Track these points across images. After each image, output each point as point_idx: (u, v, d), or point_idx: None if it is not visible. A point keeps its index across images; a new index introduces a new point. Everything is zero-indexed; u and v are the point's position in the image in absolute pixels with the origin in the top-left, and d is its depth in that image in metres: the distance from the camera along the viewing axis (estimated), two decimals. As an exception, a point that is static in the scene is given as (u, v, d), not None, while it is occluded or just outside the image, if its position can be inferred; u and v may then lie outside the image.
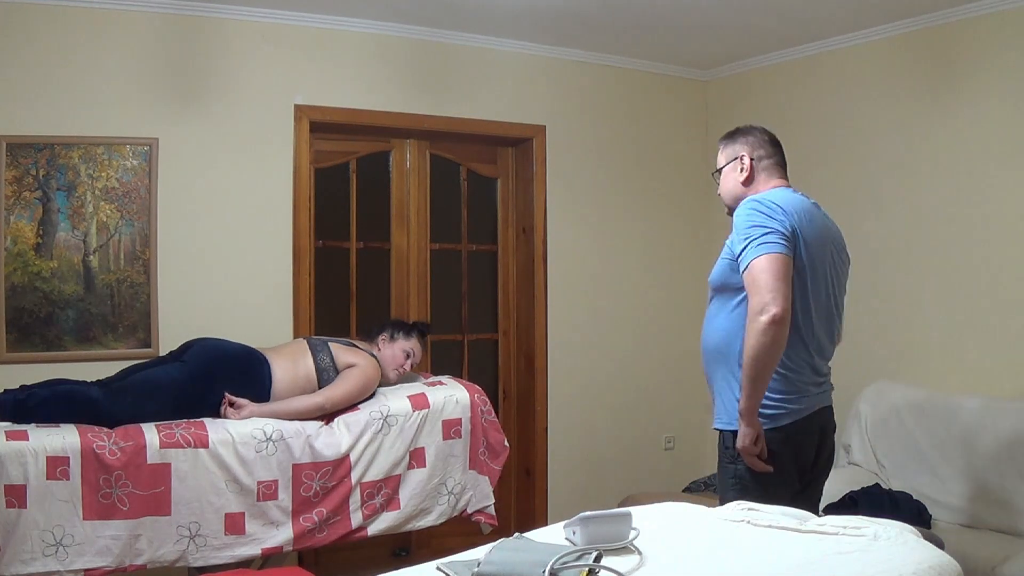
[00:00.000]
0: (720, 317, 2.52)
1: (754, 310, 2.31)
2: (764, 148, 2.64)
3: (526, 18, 4.01)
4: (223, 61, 3.79)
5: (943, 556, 1.86)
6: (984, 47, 3.70)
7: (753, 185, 2.60)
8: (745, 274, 2.36)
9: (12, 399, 2.85)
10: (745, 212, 2.41)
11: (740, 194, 2.60)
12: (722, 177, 2.69)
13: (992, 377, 3.68)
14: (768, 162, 2.63)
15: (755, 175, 2.61)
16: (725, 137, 2.72)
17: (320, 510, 2.99)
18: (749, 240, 2.36)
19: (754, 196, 2.47)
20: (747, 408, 2.38)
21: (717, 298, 2.55)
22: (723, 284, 2.51)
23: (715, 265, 2.55)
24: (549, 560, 1.64)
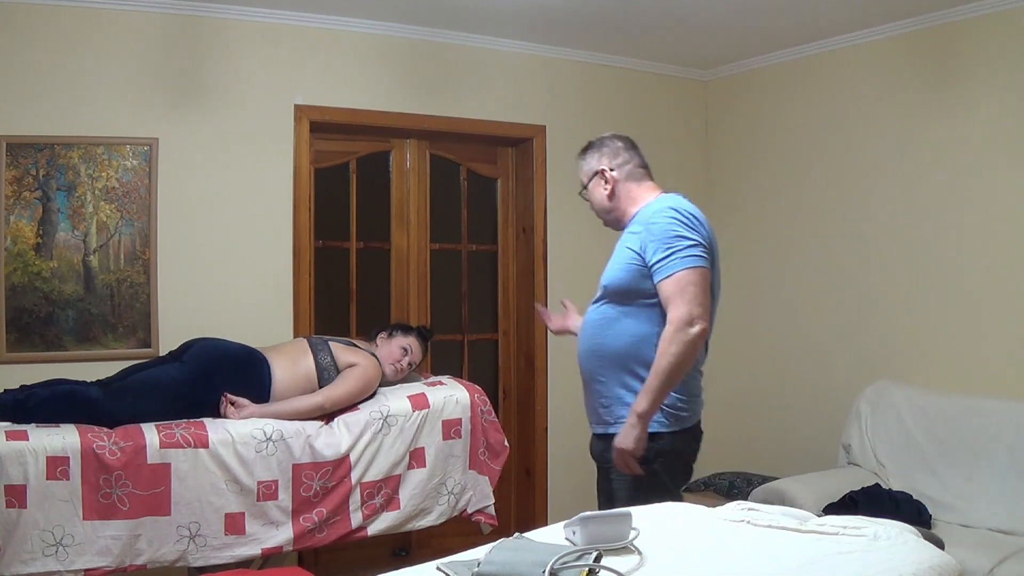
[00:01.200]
0: (625, 322, 2.51)
1: (683, 320, 2.37)
2: (621, 155, 2.66)
3: (526, 18, 4.01)
4: (223, 61, 3.79)
5: (943, 556, 1.86)
6: (984, 47, 3.70)
7: (626, 192, 2.64)
8: (668, 283, 2.40)
9: (12, 399, 2.85)
10: (665, 221, 2.44)
11: (610, 206, 2.66)
12: (590, 194, 2.72)
13: (992, 377, 3.68)
14: (630, 167, 2.65)
15: (620, 183, 2.64)
16: (585, 149, 2.73)
17: (320, 510, 2.99)
18: (673, 250, 2.40)
19: (671, 204, 2.49)
20: (648, 413, 2.43)
21: (617, 302, 2.54)
22: (630, 289, 2.50)
23: (615, 268, 2.54)
24: (549, 560, 1.64)
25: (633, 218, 2.60)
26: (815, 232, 4.43)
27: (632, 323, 2.49)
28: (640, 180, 2.65)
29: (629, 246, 2.50)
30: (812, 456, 4.21)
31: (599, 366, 2.56)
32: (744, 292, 4.82)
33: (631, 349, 2.49)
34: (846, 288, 4.27)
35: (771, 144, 4.65)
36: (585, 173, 2.70)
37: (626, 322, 2.51)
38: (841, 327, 4.29)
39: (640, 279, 2.46)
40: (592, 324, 2.59)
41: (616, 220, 2.69)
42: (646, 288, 2.46)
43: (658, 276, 2.42)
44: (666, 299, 2.41)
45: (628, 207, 2.63)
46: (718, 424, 4.97)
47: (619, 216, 2.66)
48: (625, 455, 2.44)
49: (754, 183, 4.75)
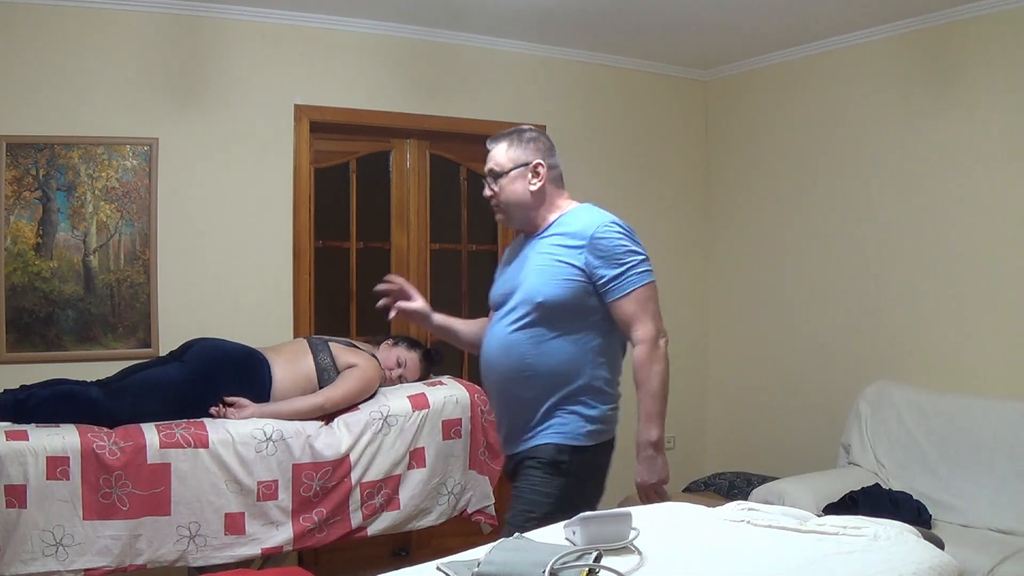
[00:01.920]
0: (559, 341, 2.34)
1: (653, 337, 2.32)
2: (553, 156, 2.49)
3: (526, 18, 4.01)
4: (223, 61, 3.79)
5: (943, 556, 1.86)
6: (984, 47, 3.70)
7: (549, 196, 2.45)
8: (627, 301, 2.32)
9: (12, 399, 2.85)
10: (615, 235, 2.33)
11: (531, 205, 2.44)
12: (507, 182, 2.44)
13: (992, 377, 3.68)
14: (557, 172, 2.49)
15: (547, 184, 2.45)
16: (511, 136, 2.47)
17: (320, 510, 2.99)
18: (628, 266, 2.33)
19: (611, 219, 2.37)
20: (661, 439, 2.35)
21: (551, 319, 2.34)
22: (570, 307, 2.33)
23: (549, 283, 2.34)
24: (549, 560, 1.64)
25: (553, 224, 2.42)
26: (815, 232, 4.43)
27: (567, 343, 2.34)
28: (560, 187, 2.49)
29: (566, 260, 2.33)
30: (812, 456, 4.22)
31: (529, 388, 2.36)
32: (744, 292, 4.82)
33: (568, 367, 2.34)
34: (846, 288, 4.27)
35: (771, 144, 4.65)
36: (510, 160, 2.43)
37: (561, 341, 2.34)
38: (841, 327, 4.29)
39: (584, 296, 2.33)
40: (517, 343, 2.37)
41: (527, 221, 2.46)
42: (588, 306, 2.33)
43: (614, 295, 2.32)
44: (627, 317, 2.32)
45: (547, 212, 2.44)
46: (718, 424, 5.00)
47: (533, 219, 2.45)
48: (652, 489, 2.36)
49: (754, 183, 4.75)
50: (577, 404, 2.33)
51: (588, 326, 2.35)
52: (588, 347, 2.35)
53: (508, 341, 2.39)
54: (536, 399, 2.35)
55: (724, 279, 4.94)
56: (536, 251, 2.41)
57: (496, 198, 2.46)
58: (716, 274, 4.98)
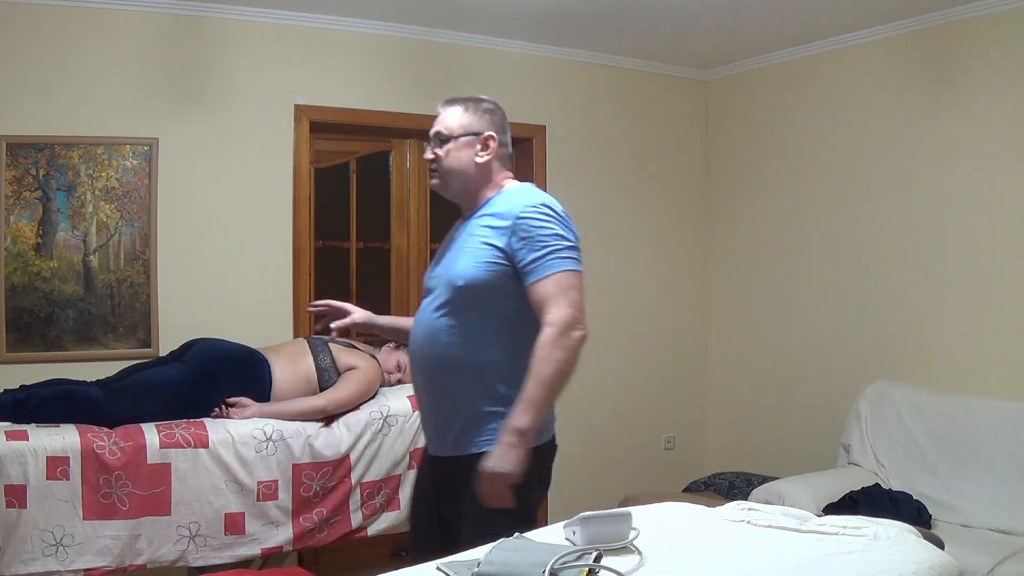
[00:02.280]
0: (487, 330, 2.16)
1: (566, 323, 2.08)
2: (507, 132, 2.33)
3: (526, 18, 4.01)
4: (223, 61, 3.79)
5: (943, 556, 1.86)
6: (984, 47, 3.70)
7: (493, 172, 2.28)
8: (546, 283, 2.09)
9: (12, 399, 2.86)
10: (541, 217, 2.14)
11: (474, 177, 2.26)
12: (454, 147, 2.26)
13: (992, 377, 3.68)
14: (505, 151, 2.32)
15: (494, 160, 2.28)
16: (467, 102, 2.31)
17: (320, 510, 2.99)
18: (551, 249, 2.11)
19: (543, 200, 2.18)
20: (531, 429, 2.06)
21: (472, 305, 2.16)
22: (490, 290, 2.14)
23: (471, 265, 2.16)
24: (549, 560, 1.64)
25: (487, 203, 2.25)
26: (815, 232, 4.43)
27: (494, 333, 2.15)
28: (505, 167, 2.32)
29: (489, 241, 2.15)
30: (812, 456, 4.22)
31: (454, 379, 2.16)
32: (744, 292, 4.82)
33: (499, 360, 2.15)
34: (846, 288, 4.27)
35: (771, 144, 4.65)
36: (461, 126, 2.26)
37: (486, 331, 2.15)
38: (841, 327, 4.29)
39: (504, 280, 2.13)
40: (442, 330, 2.18)
41: (465, 194, 2.29)
42: (508, 290, 2.14)
43: (533, 276, 2.10)
44: (542, 300, 2.09)
45: (487, 189, 2.27)
46: (718, 424, 5.00)
47: (472, 192, 2.28)
48: (500, 481, 2.03)
49: (754, 183, 4.75)
50: (510, 403, 2.09)
51: (517, 316, 2.13)
52: (516, 338, 2.13)
53: (432, 328, 2.19)
54: (462, 394, 2.14)
55: (724, 279, 4.94)
56: (467, 232, 2.23)
57: (438, 162, 2.27)
58: (716, 274, 4.98)
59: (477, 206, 2.26)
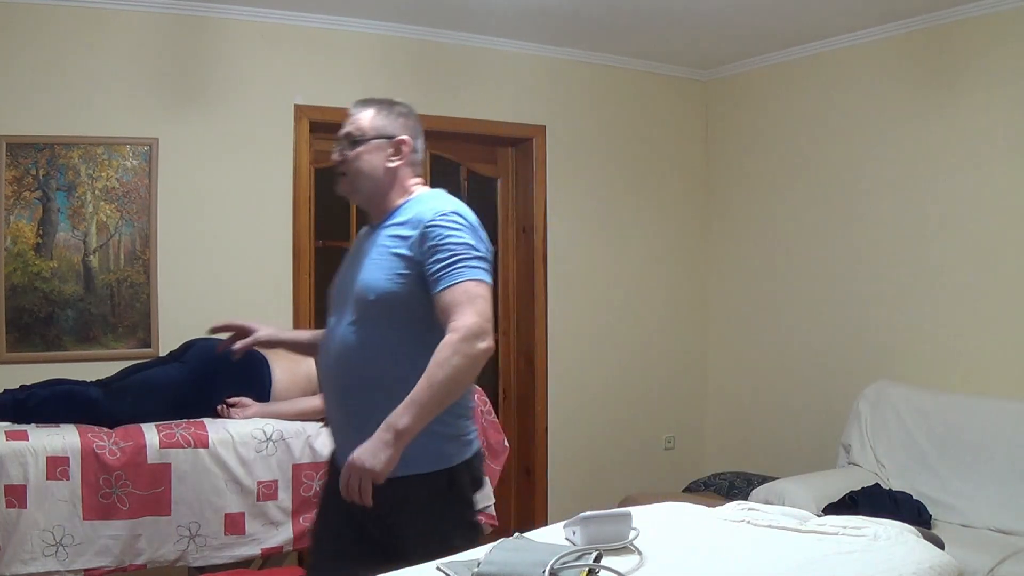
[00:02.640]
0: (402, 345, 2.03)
1: (471, 331, 1.93)
2: (420, 139, 2.23)
3: (526, 18, 4.01)
4: (223, 61, 3.79)
5: (943, 556, 1.86)
6: (984, 47, 3.70)
7: (403, 178, 2.18)
8: (454, 291, 1.97)
9: (12, 399, 2.86)
10: (450, 225, 2.03)
11: (379, 180, 2.16)
12: (365, 150, 2.15)
13: (992, 377, 3.68)
14: (417, 157, 2.22)
15: (405, 166, 2.18)
16: (382, 104, 2.21)
17: (320, 510, 2.99)
18: (459, 257, 2.00)
19: (455, 208, 2.07)
20: (410, 431, 1.90)
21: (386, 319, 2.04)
22: (405, 303, 2.03)
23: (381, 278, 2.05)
24: (549, 560, 1.64)
25: (397, 211, 2.14)
26: (815, 232, 4.43)
27: (409, 348, 2.02)
28: (416, 173, 2.22)
29: (398, 252, 2.05)
30: (812, 456, 4.22)
31: (371, 397, 2.02)
32: (743, 292, 4.82)
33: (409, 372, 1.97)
34: (846, 288, 4.27)
35: (771, 144, 4.65)
36: (374, 128, 2.16)
37: (401, 346, 2.03)
38: (841, 327, 4.29)
39: (416, 292, 2.02)
40: (355, 346, 2.06)
41: (374, 200, 2.19)
42: (421, 303, 2.02)
43: (440, 284, 1.98)
44: (448, 307, 1.96)
45: (397, 196, 2.17)
46: (718, 424, 5.00)
47: (381, 198, 2.18)
48: (365, 476, 1.88)
49: (754, 183, 4.75)
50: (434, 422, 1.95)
51: (431, 329, 2.00)
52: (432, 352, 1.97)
53: (345, 346, 2.07)
54: (380, 414, 1.94)
55: (724, 278, 4.94)
56: (375, 243, 2.13)
57: (346, 164, 2.16)
58: (716, 273, 4.98)
59: (386, 213, 2.16)
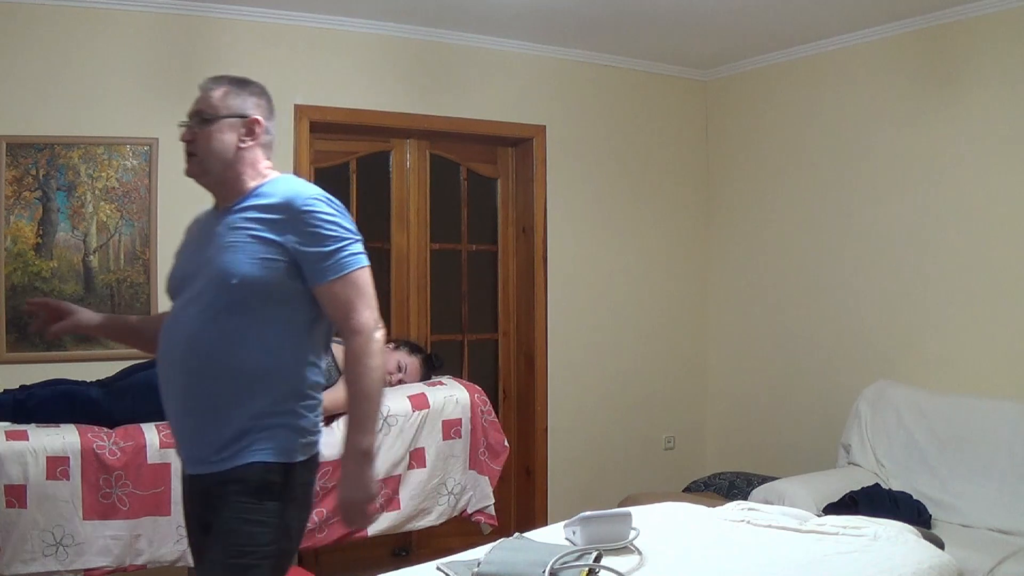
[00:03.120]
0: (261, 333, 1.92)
1: (371, 328, 1.93)
2: (272, 123, 2.15)
3: (526, 18, 4.01)
4: (223, 61, 3.78)
5: (943, 556, 1.87)
6: (984, 47, 3.70)
7: (254, 160, 2.08)
8: (343, 284, 1.93)
9: (12, 399, 2.85)
10: (323, 209, 1.96)
11: (230, 161, 2.05)
12: (216, 129, 2.06)
13: (992, 377, 3.68)
14: (270, 139, 2.14)
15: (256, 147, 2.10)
16: (235, 83, 2.14)
17: (320, 510, 2.99)
18: (341, 246, 1.95)
19: (319, 192, 2.01)
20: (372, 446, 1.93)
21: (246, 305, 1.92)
22: (269, 289, 1.92)
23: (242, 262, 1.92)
24: (549, 560, 1.64)
25: (252, 194, 2.03)
26: (814, 232, 4.43)
27: (269, 336, 1.93)
28: (269, 155, 2.14)
29: (265, 235, 1.93)
30: (812, 456, 4.22)
31: (219, 391, 1.92)
32: (743, 292, 4.82)
33: (269, 370, 1.93)
34: (846, 288, 4.27)
35: (771, 144, 4.65)
36: (226, 107, 2.07)
37: (260, 334, 1.93)
38: (841, 327, 4.29)
39: (286, 279, 1.93)
40: (206, 335, 1.93)
41: (225, 182, 2.07)
42: (292, 291, 1.94)
43: (325, 277, 1.92)
44: (342, 303, 1.93)
45: (249, 179, 2.06)
46: (718, 424, 5.00)
47: (233, 180, 2.06)
48: (360, 507, 1.91)
49: (754, 183, 4.75)
50: (285, 414, 1.92)
51: (293, 316, 1.95)
52: (294, 343, 1.96)
53: (195, 333, 1.93)
54: (231, 405, 1.91)
55: (724, 278, 4.94)
56: (229, 226, 1.99)
57: (196, 144, 2.08)
58: (716, 273, 4.98)
59: (238, 196, 2.04)
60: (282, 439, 1.91)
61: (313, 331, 1.98)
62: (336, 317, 1.95)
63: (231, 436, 1.90)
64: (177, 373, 1.96)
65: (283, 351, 1.93)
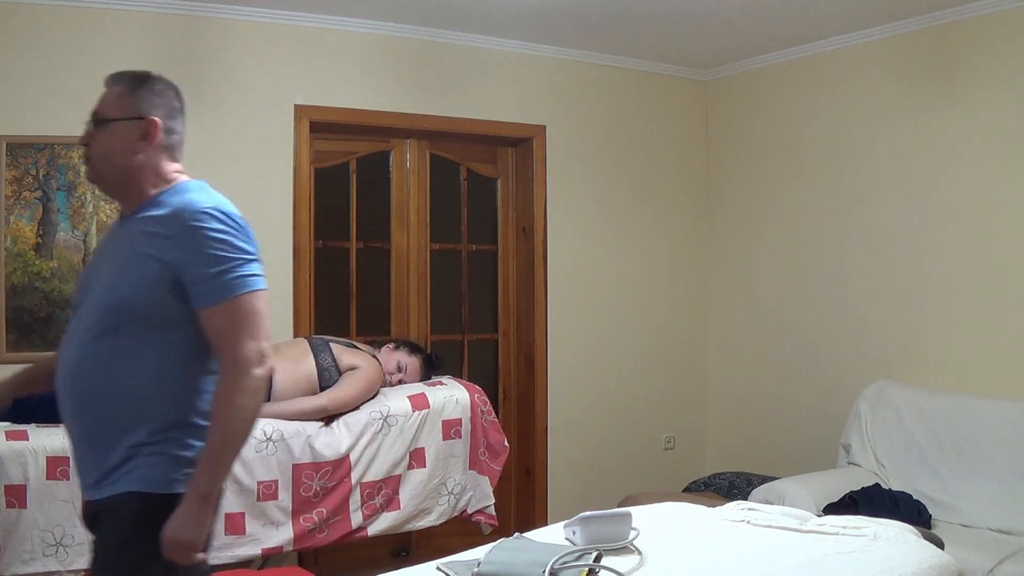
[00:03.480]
0: (146, 357, 1.78)
1: (247, 363, 1.76)
2: (177, 119, 1.97)
3: (526, 18, 4.01)
4: (223, 61, 3.79)
5: (943, 556, 1.87)
6: (984, 47, 3.70)
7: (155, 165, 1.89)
8: (222, 310, 1.77)
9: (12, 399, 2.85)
10: (214, 225, 1.79)
11: (130, 168, 1.87)
12: (107, 134, 1.89)
13: (992, 377, 3.68)
14: (175, 140, 1.95)
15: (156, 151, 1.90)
16: (134, 81, 1.96)
17: (320, 510, 2.99)
18: (227, 267, 1.79)
19: (216, 204, 1.82)
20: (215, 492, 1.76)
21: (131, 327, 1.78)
22: (152, 311, 1.78)
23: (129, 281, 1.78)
24: (549, 560, 1.64)
25: (149, 204, 1.87)
26: (814, 232, 4.43)
27: (153, 361, 1.79)
28: (175, 158, 1.95)
29: (149, 252, 1.79)
30: (812, 456, 4.22)
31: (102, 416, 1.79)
32: (743, 292, 4.82)
33: (153, 397, 1.79)
34: (846, 288, 4.27)
35: (771, 144, 4.65)
36: (121, 108, 1.90)
37: (145, 359, 1.78)
38: (841, 327, 4.29)
39: (171, 301, 1.78)
40: (91, 357, 1.80)
41: (123, 190, 1.91)
42: (178, 314, 1.79)
43: (206, 300, 1.77)
44: (220, 331, 1.77)
45: (149, 186, 1.89)
46: (718, 424, 5.00)
47: (131, 188, 1.89)
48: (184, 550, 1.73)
49: (754, 183, 4.75)
50: (166, 442, 1.78)
51: (180, 340, 1.81)
52: (180, 368, 1.81)
53: (81, 355, 1.82)
54: (113, 432, 1.78)
55: (724, 278, 4.94)
56: (124, 238, 1.88)
57: (91, 148, 1.93)
58: (716, 273, 4.98)
59: (137, 204, 1.89)
60: (160, 469, 1.77)
61: (206, 357, 1.82)
62: (216, 346, 1.79)
63: (112, 464, 1.78)
64: (66, 396, 1.85)
65: (167, 378, 1.80)
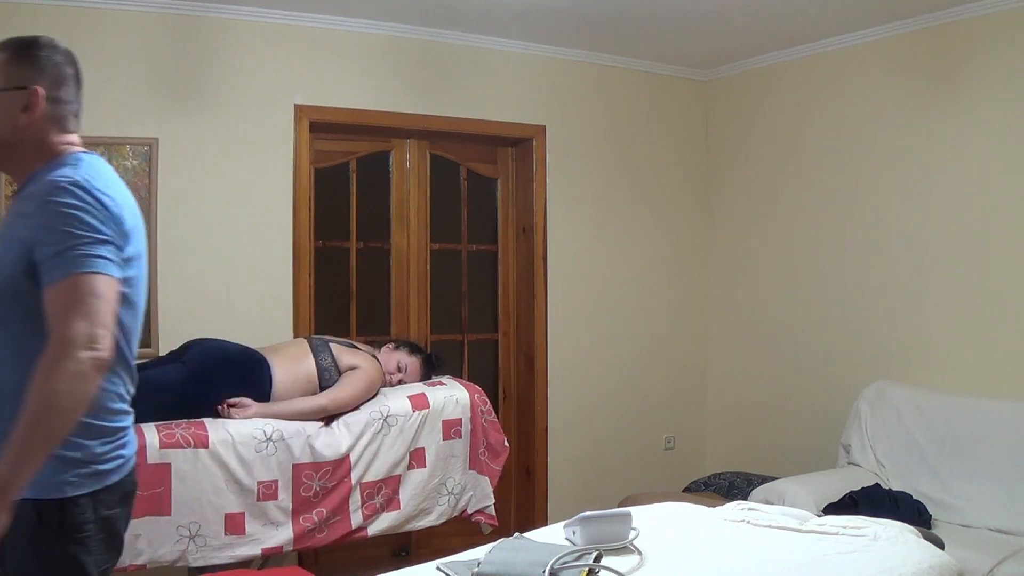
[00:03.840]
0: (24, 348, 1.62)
1: (72, 342, 1.56)
2: (68, 89, 1.79)
3: (526, 18, 4.01)
4: (223, 61, 3.79)
5: (943, 556, 1.87)
6: (984, 47, 3.70)
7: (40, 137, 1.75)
8: (57, 289, 1.60)
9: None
10: (69, 200, 1.63)
11: (11, 140, 1.74)
12: None
13: (992, 377, 3.68)
14: (66, 110, 1.79)
15: (41, 123, 1.75)
16: (18, 48, 1.77)
17: (320, 510, 2.99)
18: (74, 243, 1.61)
19: (78, 178, 1.66)
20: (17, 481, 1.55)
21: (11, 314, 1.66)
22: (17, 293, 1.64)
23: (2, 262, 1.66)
24: (549, 560, 1.64)
25: (30, 180, 1.74)
26: (814, 232, 4.43)
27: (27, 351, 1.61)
28: (65, 130, 1.79)
29: (16, 230, 1.67)
30: (812, 456, 4.22)
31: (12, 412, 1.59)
32: (743, 292, 4.82)
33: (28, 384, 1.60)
34: (846, 288, 4.28)
35: (771, 144, 4.65)
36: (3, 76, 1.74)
37: (27, 350, 1.61)
38: (841, 327, 4.29)
39: (31, 286, 1.63)
40: None
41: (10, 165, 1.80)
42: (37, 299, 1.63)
43: (47, 279, 1.61)
44: (52, 310, 1.59)
45: (31, 160, 1.75)
46: (718, 424, 5.00)
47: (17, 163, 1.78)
48: None
49: (754, 183, 4.75)
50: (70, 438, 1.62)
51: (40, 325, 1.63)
52: None
53: None
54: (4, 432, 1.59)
55: (724, 278, 4.94)
56: (9, 217, 1.76)
57: None
58: (716, 273, 4.98)
59: (23, 180, 1.76)
60: (48, 472, 1.60)
61: None
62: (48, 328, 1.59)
63: None
64: None
65: None
